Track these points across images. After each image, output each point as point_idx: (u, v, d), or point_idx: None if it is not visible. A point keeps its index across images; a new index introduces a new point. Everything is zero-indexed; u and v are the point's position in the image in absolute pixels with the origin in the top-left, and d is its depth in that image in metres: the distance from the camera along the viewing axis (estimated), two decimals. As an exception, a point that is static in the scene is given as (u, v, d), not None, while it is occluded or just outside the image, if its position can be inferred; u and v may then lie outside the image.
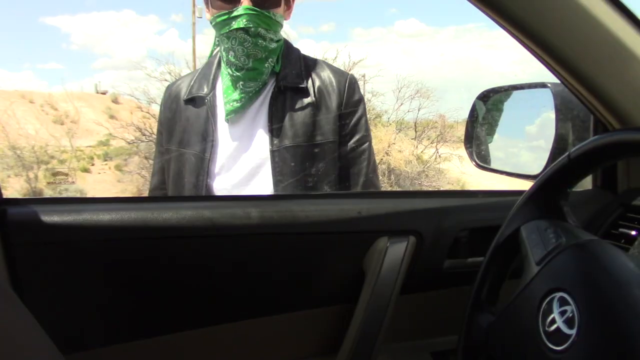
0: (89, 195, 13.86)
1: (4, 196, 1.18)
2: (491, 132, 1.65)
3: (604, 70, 1.03)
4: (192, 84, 1.75)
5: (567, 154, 0.92)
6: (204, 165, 1.64)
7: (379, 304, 1.28)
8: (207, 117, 1.67)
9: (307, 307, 1.33)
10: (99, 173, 17.85)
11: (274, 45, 1.63)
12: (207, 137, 1.66)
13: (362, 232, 1.29)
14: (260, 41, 1.58)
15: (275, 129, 1.62)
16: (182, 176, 1.68)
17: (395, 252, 1.27)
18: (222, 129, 1.68)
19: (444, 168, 14.61)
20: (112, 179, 16.20)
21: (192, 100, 1.72)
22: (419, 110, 15.06)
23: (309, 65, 1.72)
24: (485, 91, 1.58)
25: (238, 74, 1.64)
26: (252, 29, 1.56)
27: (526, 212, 1.00)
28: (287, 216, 1.25)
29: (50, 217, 1.14)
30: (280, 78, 1.66)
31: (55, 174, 13.16)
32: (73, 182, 13.27)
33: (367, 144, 1.71)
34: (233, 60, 1.62)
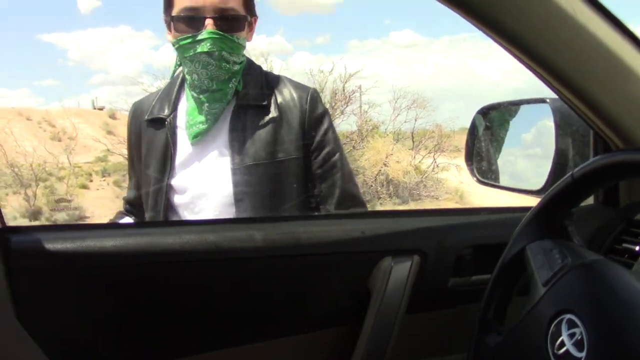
0: (88, 212, 13.86)
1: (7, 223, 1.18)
2: (491, 147, 1.65)
3: (603, 86, 1.04)
4: (153, 104, 1.74)
5: (570, 173, 0.92)
6: (162, 188, 1.64)
7: (384, 324, 1.28)
8: (167, 139, 1.67)
9: (312, 328, 1.33)
10: (98, 189, 17.81)
11: (237, 67, 1.62)
12: (165, 160, 1.66)
13: (366, 252, 1.29)
14: (224, 64, 1.58)
15: (236, 148, 1.61)
16: (147, 197, 1.70)
17: (399, 271, 1.27)
18: (183, 150, 1.67)
19: (442, 178, 14.61)
20: (110, 194, 16.17)
21: (153, 122, 1.71)
22: (415, 120, 15.09)
23: (271, 82, 1.71)
24: (484, 107, 1.58)
25: (202, 96, 1.63)
26: (216, 53, 1.55)
27: (531, 232, 1.00)
28: (291, 238, 1.25)
29: (53, 244, 1.14)
30: (240, 96, 1.65)
31: (57, 200, 13.14)
32: (76, 209, 13.25)
33: (337, 155, 1.69)
34: (197, 83, 1.62)
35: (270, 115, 1.64)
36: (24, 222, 12.06)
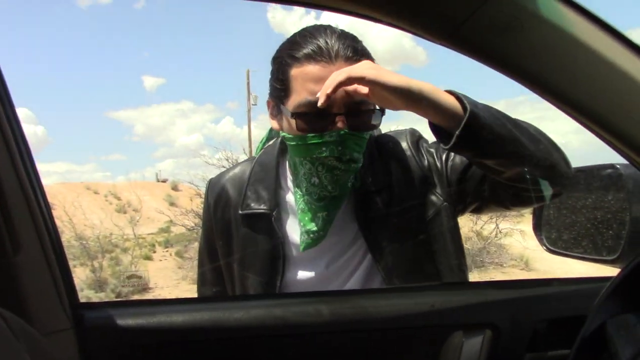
0: (151, 283, 14.09)
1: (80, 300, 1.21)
2: (560, 215, 1.61)
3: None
4: (246, 192, 1.52)
5: (650, 245, 0.88)
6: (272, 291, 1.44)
7: None
8: (276, 243, 1.45)
9: None
10: (161, 260, 18.18)
11: (360, 163, 1.40)
12: (276, 265, 1.45)
13: (436, 326, 1.26)
14: (352, 165, 1.36)
15: (377, 249, 1.42)
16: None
17: (471, 347, 1.23)
18: (296, 253, 1.46)
19: (506, 243, 14.23)
20: (173, 265, 16.46)
21: (251, 217, 1.49)
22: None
23: (381, 152, 1.50)
24: (551, 175, 1.55)
25: (320, 203, 1.40)
26: (346, 156, 1.33)
27: (611, 305, 0.96)
28: (359, 312, 1.23)
29: (125, 321, 1.16)
30: (358, 188, 1.45)
31: (129, 277, 13.47)
32: (146, 285, 13.52)
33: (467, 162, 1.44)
34: (316, 188, 1.39)
35: (394, 191, 1.45)
36: (91, 292, 12.37)
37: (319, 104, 1.24)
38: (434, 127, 1.23)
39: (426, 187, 1.46)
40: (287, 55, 1.36)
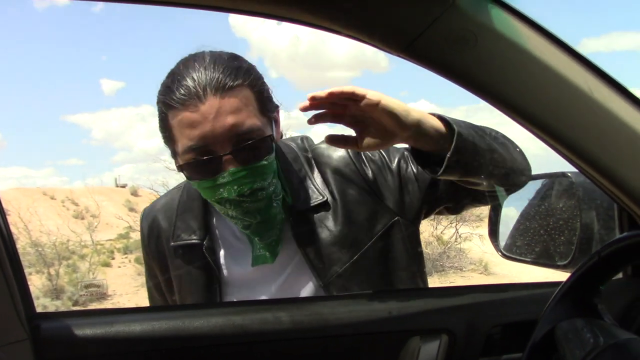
0: (110, 290, 13.83)
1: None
2: (515, 222, 1.65)
3: (623, 161, 1.04)
4: (176, 222, 1.48)
5: (597, 252, 0.92)
6: None
7: None
8: (210, 271, 1.44)
9: None
10: (119, 267, 17.86)
11: (273, 185, 1.34)
12: (213, 292, 1.43)
13: (393, 332, 1.28)
14: (261, 193, 1.30)
15: (317, 263, 1.38)
16: None
17: (428, 352, 1.25)
18: (235, 276, 1.45)
19: (465, 248, 14.42)
20: (132, 272, 16.17)
21: (183, 247, 1.46)
22: (436, 190, 15.00)
23: (317, 166, 1.46)
24: (506, 182, 1.59)
25: (247, 231, 1.39)
26: (247, 190, 1.27)
27: (560, 310, 0.99)
28: (318, 319, 1.24)
29: (83, 331, 1.15)
30: (293, 206, 1.41)
31: (87, 286, 13.17)
32: (105, 293, 13.25)
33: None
34: (236, 219, 1.36)
35: (333, 205, 1.40)
36: (47, 301, 12.07)
37: (300, 107, 1.16)
38: (418, 157, 1.24)
39: (372, 198, 1.42)
40: (162, 104, 1.30)
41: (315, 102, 1.15)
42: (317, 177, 1.44)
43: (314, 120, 1.18)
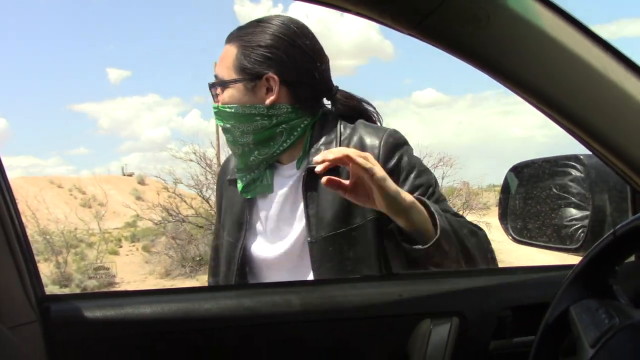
0: (117, 277, 13.93)
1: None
2: (526, 205, 1.64)
3: (638, 142, 1.03)
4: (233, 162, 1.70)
5: (612, 231, 0.91)
6: (235, 255, 1.58)
7: None
8: (243, 202, 1.61)
9: None
10: (127, 255, 17.98)
11: (247, 137, 1.53)
12: (241, 226, 1.60)
13: (404, 315, 1.27)
14: (228, 136, 1.57)
15: (312, 218, 1.49)
16: (219, 263, 1.65)
17: (439, 334, 1.25)
18: (260, 216, 1.60)
19: (472, 235, 14.39)
20: (139, 260, 16.29)
21: (232, 182, 1.66)
22: (442, 178, 15.02)
23: (345, 135, 1.55)
24: (517, 164, 1.58)
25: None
26: (229, 126, 1.55)
27: (574, 291, 0.98)
28: (328, 302, 1.24)
29: (93, 313, 1.15)
30: (309, 161, 1.50)
31: (97, 268, 13.29)
32: (114, 276, 13.38)
33: (431, 188, 1.52)
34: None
35: (343, 177, 1.42)
36: (55, 288, 12.17)
37: (317, 169, 1.30)
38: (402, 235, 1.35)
39: None
40: None
41: (328, 163, 1.28)
42: (339, 146, 1.51)
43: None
